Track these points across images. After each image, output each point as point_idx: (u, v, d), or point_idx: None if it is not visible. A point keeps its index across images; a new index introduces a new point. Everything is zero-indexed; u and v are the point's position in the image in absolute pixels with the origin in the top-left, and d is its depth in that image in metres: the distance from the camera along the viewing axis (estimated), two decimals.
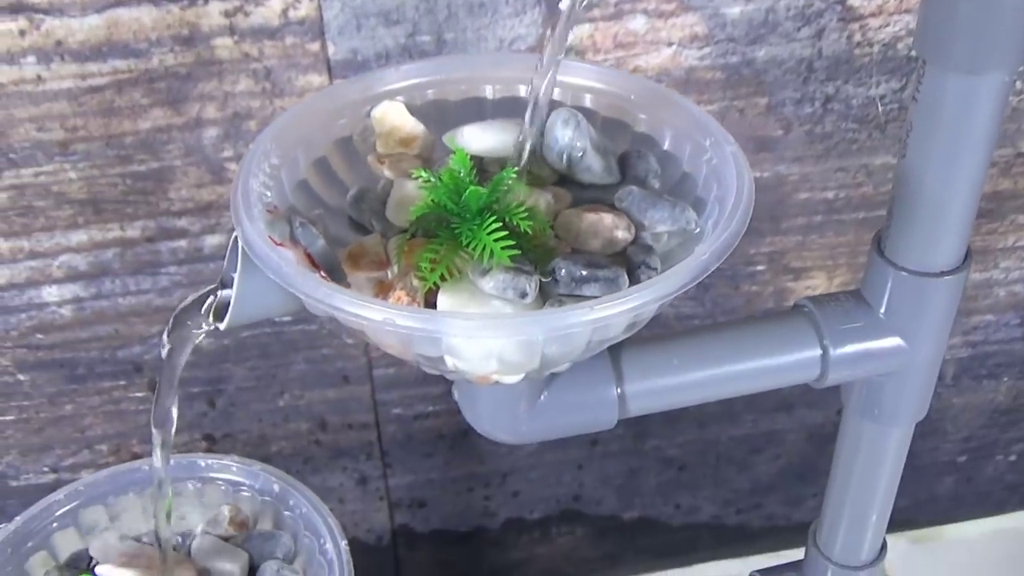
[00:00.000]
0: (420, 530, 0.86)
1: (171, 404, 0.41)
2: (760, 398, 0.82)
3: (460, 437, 0.80)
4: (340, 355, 0.73)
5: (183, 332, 0.37)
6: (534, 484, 0.85)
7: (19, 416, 0.71)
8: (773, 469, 0.89)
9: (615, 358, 0.42)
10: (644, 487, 0.88)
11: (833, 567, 0.53)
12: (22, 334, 0.67)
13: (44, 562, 0.48)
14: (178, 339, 0.38)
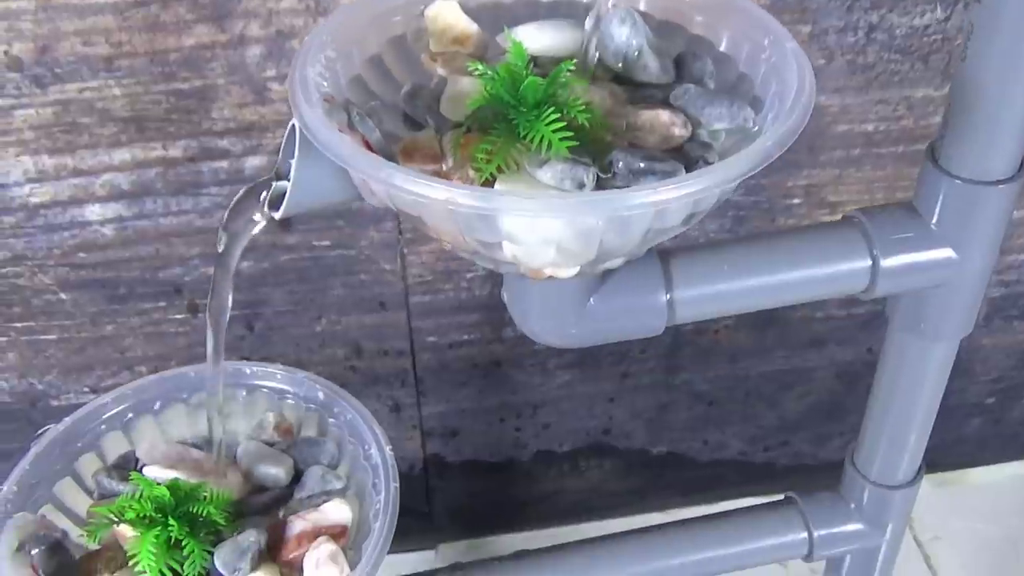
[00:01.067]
0: (451, 460, 0.87)
1: (227, 297, 0.41)
2: (791, 334, 0.83)
3: (493, 367, 0.80)
4: (377, 281, 0.73)
5: (239, 223, 0.38)
6: (565, 416, 0.86)
7: (61, 336, 0.72)
8: (801, 407, 0.89)
9: (665, 264, 0.42)
10: (673, 422, 0.88)
11: (871, 486, 0.53)
12: (65, 253, 0.68)
13: (92, 463, 0.49)
14: (234, 231, 0.38)
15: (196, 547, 0.44)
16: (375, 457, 0.48)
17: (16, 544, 0.45)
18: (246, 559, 0.44)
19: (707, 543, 0.54)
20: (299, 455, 0.50)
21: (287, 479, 0.49)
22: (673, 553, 0.54)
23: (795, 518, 0.54)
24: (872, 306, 0.82)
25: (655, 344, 0.81)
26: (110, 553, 0.46)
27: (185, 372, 0.51)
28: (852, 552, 0.56)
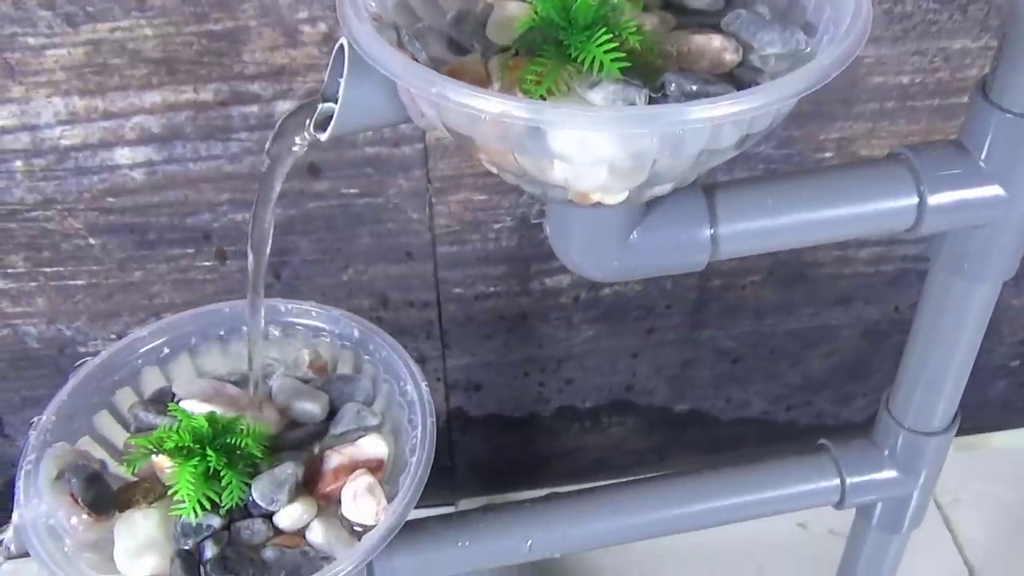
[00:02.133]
0: (474, 414, 0.87)
1: (268, 225, 0.41)
2: (818, 291, 0.82)
3: (519, 320, 0.80)
4: (405, 231, 0.73)
5: (283, 146, 0.37)
6: (588, 372, 0.85)
7: (89, 281, 0.72)
8: (826, 365, 0.89)
9: (709, 198, 0.42)
10: (697, 379, 0.88)
11: (905, 432, 0.53)
12: (94, 196, 0.68)
13: (129, 397, 0.50)
14: (278, 152, 0.38)
15: (234, 478, 0.44)
16: (411, 393, 0.47)
17: (55, 473, 0.45)
18: (284, 491, 0.44)
19: (738, 489, 0.54)
20: (334, 392, 0.50)
21: (323, 415, 0.49)
22: (704, 498, 0.54)
23: (827, 465, 0.54)
24: (900, 263, 0.81)
25: (681, 300, 0.81)
26: (147, 484, 0.46)
27: (220, 308, 0.51)
28: (884, 500, 0.56)
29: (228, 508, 0.44)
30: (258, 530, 0.44)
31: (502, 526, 0.52)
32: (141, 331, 0.50)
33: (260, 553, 0.44)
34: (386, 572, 0.51)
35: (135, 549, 0.44)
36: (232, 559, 0.43)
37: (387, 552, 0.51)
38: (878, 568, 0.60)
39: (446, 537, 0.52)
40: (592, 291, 0.79)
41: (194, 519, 0.44)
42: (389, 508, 0.44)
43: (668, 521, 0.54)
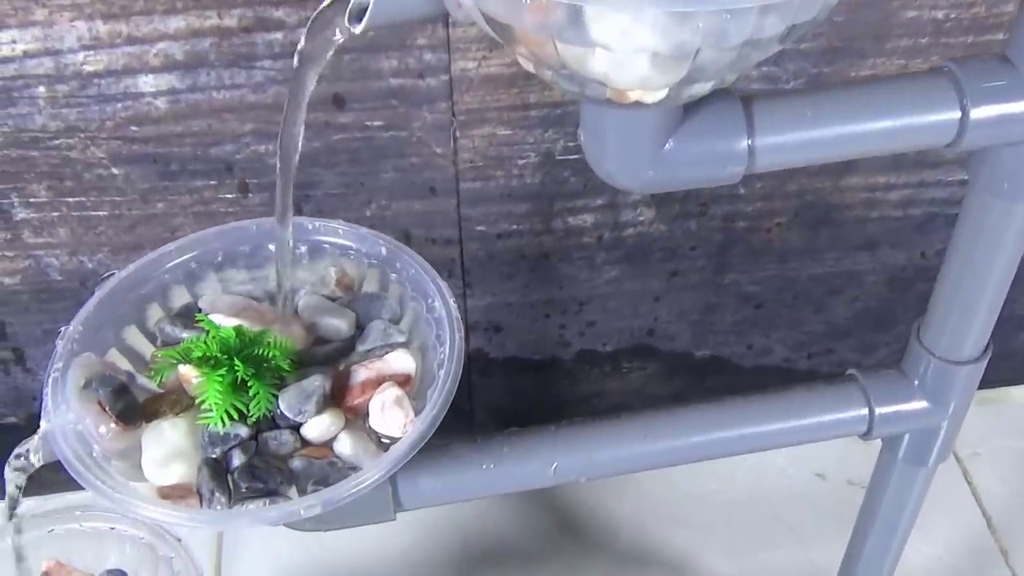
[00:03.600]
0: (495, 356, 0.87)
1: (298, 132, 0.40)
2: (845, 235, 0.81)
3: (541, 259, 0.79)
4: (428, 165, 0.72)
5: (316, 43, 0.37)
6: (610, 314, 0.85)
7: (111, 212, 0.72)
8: (849, 312, 0.88)
9: (747, 108, 0.41)
10: (719, 324, 0.88)
11: (936, 362, 0.52)
12: (117, 125, 0.67)
13: (155, 312, 0.49)
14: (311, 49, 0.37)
15: (262, 388, 0.44)
16: (439, 310, 0.47)
17: (83, 382, 0.45)
18: (311, 402, 0.44)
19: (766, 417, 0.54)
20: (361, 310, 0.49)
21: (349, 332, 0.49)
22: (731, 425, 0.53)
23: (856, 394, 0.54)
24: (929, 207, 0.80)
25: (705, 241, 0.80)
26: (174, 396, 0.46)
27: (247, 225, 0.51)
28: (911, 432, 0.55)
29: (256, 419, 0.44)
30: (285, 441, 0.44)
31: (527, 450, 0.52)
32: (167, 246, 0.49)
33: (287, 463, 0.44)
34: (410, 493, 0.51)
35: (163, 457, 0.44)
36: (260, 468, 0.43)
37: (411, 474, 0.51)
38: (903, 503, 0.59)
39: (471, 460, 0.52)
40: (615, 231, 0.78)
41: (221, 428, 0.44)
42: (417, 420, 0.44)
43: (695, 448, 0.53)
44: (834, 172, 0.76)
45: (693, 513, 0.97)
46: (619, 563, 0.93)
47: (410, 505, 0.51)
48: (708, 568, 0.93)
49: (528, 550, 0.94)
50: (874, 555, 0.64)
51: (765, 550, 0.94)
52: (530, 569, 0.93)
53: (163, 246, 0.49)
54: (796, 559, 0.94)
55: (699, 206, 0.77)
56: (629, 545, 0.95)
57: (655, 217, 0.78)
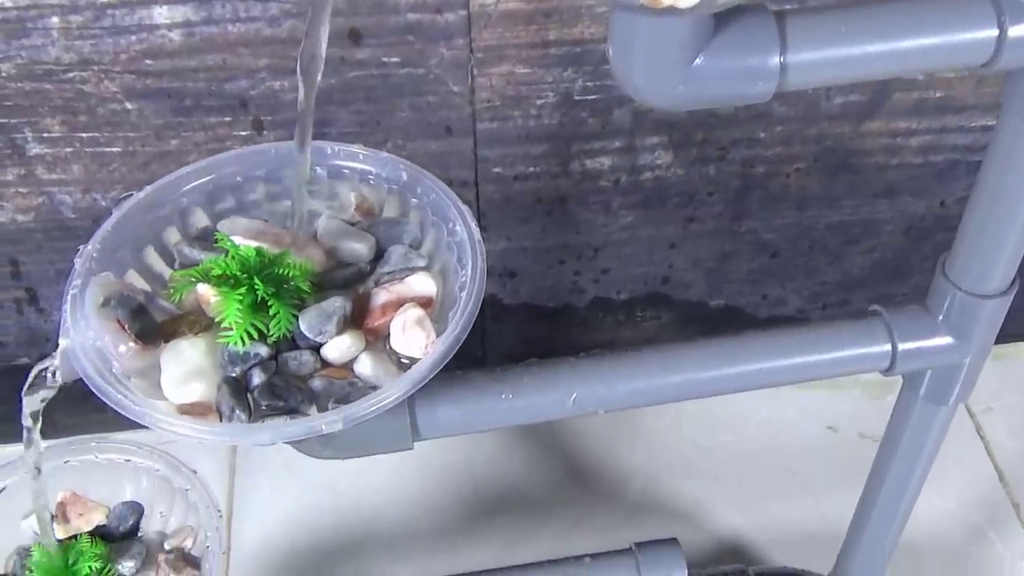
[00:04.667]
0: (508, 302, 0.87)
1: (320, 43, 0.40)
2: (864, 182, 0.80)
3: (558, 203, 0.79)
4: (445, 104, 0.71)
5: None
6: (625, 262, 0.84)
7: (125, 148, 0.71)
8: (866, 262, 0.87)
9: (780, 23, 0.40)
10: (734, 273, 0.87)
11: (962, 296, 0.52)
12: (131, 58, 0.67)
13: (173, 235, 0.49)
14: None
15: (282, 308, 0.44)
16: (460, 233, 0.47)
17: (101, 300, 0.45)
18: (332, 322, 0.44)
19: (788, 351, 0.53)
20: (381, 235, 0.49)
21: (369, 256, 0.48)
22: (754, 358, 0.53)
23: (879, 329, 0.53)
24: (950, 154, 0.79)
25: (723, 187, 0.79)
26: (192, 316, 0.46)
27: (266, 149, 0.50)
28: (934, 369, 0.55)
29: (275, 339, 0.44)
30: (306, 361, 0.44)
31: (546, 380, 0.52)
32: (184, 168, 0.49)
33: (308, 383, 0.44)
34: (428, 422, 0.51)
35: (182, 375, 0.43)
36: (280, 386, 0.43)
37: (430, 402, 0.51)
38: (921, 443, 0.59)
39: (490, 390, 0.51)
40: (632, 175, 0.78)
41: (241, 347, 0.43)
42: (438, 340, 0.43)
43: (714, 381, 0.53)
44: (855, 116, 0.75)
45: (704, 464, 0.97)
46: (629, 512, 0.93)
47: (428, 434, 0.51)
48: (718, 518, 0.93)
49: (539, 499, 0.95)
50: (888, 502, 0.64)
51: (776, 501, 0.95)
52: (541, 517, 0.93)
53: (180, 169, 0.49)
54: (807, 510, 0.94)
55: (718, 150, 0.77)
56: (639, 494, 0.95)
57: (673, 161, 0.77)
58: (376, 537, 0.93)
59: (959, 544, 0.92)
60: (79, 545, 0.57)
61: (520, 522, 0.93)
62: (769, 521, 0.93)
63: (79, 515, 0.60)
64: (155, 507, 0.61)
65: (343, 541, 0.92)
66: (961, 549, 0.92)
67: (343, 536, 0.93)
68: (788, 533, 0.92)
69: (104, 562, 0.57)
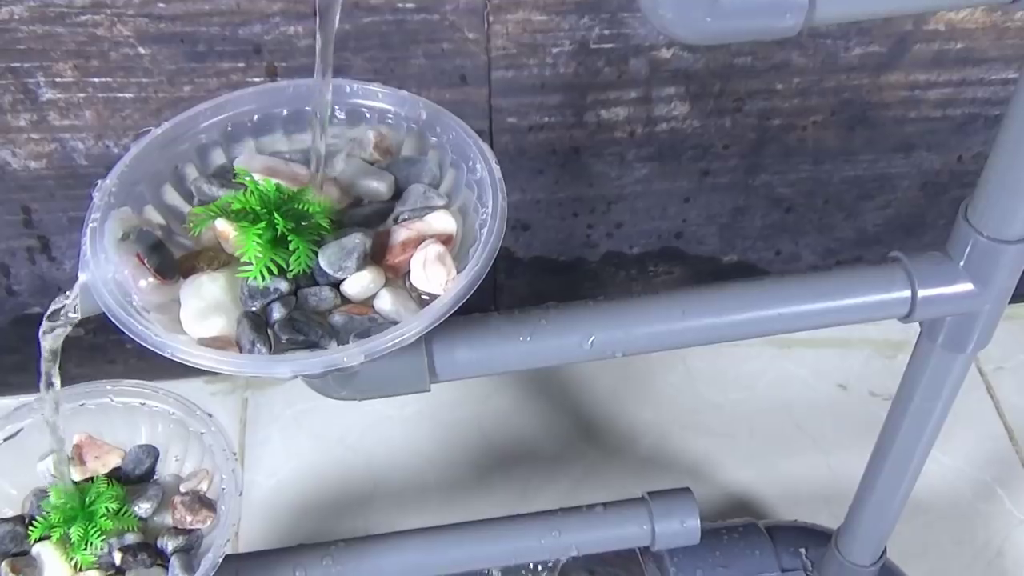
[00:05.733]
0: (521, 256, 0.86)
1: None
2: (881, 135, 0.80)
3: (572, 154, 0.78)
4: (460, 51, 0.71)
5: None
6: (638, 215, 0.84)
7: (138, 94, 0.71)
8: (880, 219, 0.87)
9: None
10: (748, 228, 0.87)
11: (983, 240, 0.51)
12: (144, 2, 0.66)
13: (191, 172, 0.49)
14: None
15: (301, 244, 0.43)
16: (480, 171, 0.46)
17: (120, 234, 0.44)
18: (352, 258, 0.44)
19: (806, 296, 0.53)
20: (399, 174, 0.49)
21: (388, 195, 0.48)
22: (771, 303, 0.52)
23: (899, 275, 0.53)
24: (969, 107, 0.78)
25: (739, 140, 0.79)
26: (211, 252, 0.46)
27: (283, 87, 0.49)
28: (953, 316, 0.55)
29: (295, 274, 0.44)
30: (325, 297, 0.44)
31: (565, 323, 0.52)
32: (202, 105, 0.48)
33: (328, 319, 0.43)
34: (446, 363, 0.51)
35: (202, 310, 0.43)
36: (300, 321, 0.43)
37: (448, 343, 0.51)
38: (938, 391, 0.59)
39: (508, 332, 0.51)
40: (648, 126, 0.77)
41: (261, 282, 0.43)
42: (459, 276, 0.43)
43: (733, 326, 0.53)
44: (874, 68, 0.75)
45: (714, 421, 0.97)
46: (639, 467, 0.94)
47: (445, 375, 0.51)
48: (728, 474, 0.93)
49: (549, 454, 0.95)
50: (902, 453, 0.64)
51: (786, 458, 0.95)
52: (551, 472, 0.93)
53: (198, 105, 0.48)
54: (817, 467, 0.94)
55: (734, 101, 0.76)
56: (650, 451, 0.95)
57: (689, 112, 0.76)
58: (386, 490, 0.93)
59: (968, 501, 0.92)
60: (96, 486, 0.58)
61: (531, 476, 0.93)
62: (778, 477, 0.93)
63: (95, 458, 0.60)
64: (170, 451, 0.61)
65: (353, 494, 0.93)
66: (969, 506, 0.92)
67: (353, 489, 0.93)
68: (797, 489, 0.93)
69: (121, 503, 0.57)
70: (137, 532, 0.57)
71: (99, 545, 0.55)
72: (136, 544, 0.57)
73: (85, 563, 0.56)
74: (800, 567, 0.75)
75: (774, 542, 0.76)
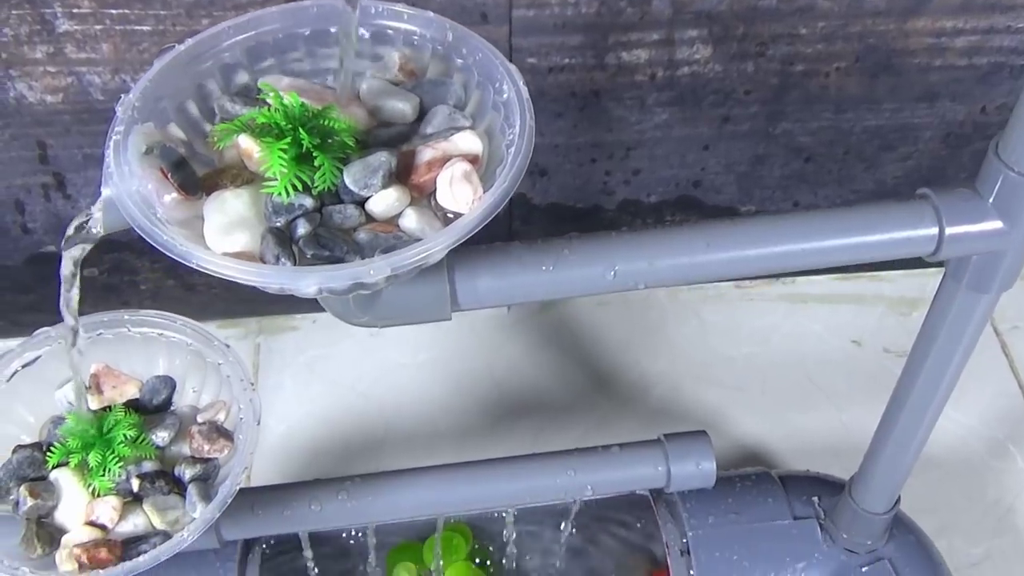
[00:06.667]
0: (537, 202, 0.86)
1: None
2: (905, 84, 0.79)
3: (592, 97, 0.77)
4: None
5: None
6: (657, 162, 0.83)
7: (155, 27, 0.70)
8: (900, 171, 0.86)
9: None
10: (767, 178, 0.86)
11: (1014, 176, 0.50)
12: None
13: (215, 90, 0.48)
14: None
15: (327, 161, 0.43)
16: (507, 92, 0.45)
17: (144, 148, 0.44)
18: (377, 176, 0.43)
19: (831, 231, 0.52)
20: (424, 95, 0.48)
21: (413, 116, 0.47)
22: (796, 238, 0.52)
23: (927, 212, 0.52)
24: (995, 56, 0.77)
25: (761, 85, 0.78)
26: (234, 170, 0.45)
27: (307, 6, 0.49)
28: (979, 255, 0.54)
29: (320, 191, 0.43)
30: (350, 215, 0.43)
31: (588, 253, 0.51)
32: (224, 24, 0.48)
33: (353, 236, 0.43)
34: (468, 292, 0.50)
35: (226, 225, 0.43)
36: (325, 237, 0.42)
37: (470, 271, 0.50)
38: (961, 332, 0.58)
39: (530, 261, 0.51)
40: (669, 69, 0.76)
41: (285, 198, 0.43)
42: (486, 195, 0.43)
43: (756, 260, 0.52)
44: (900, 13, 0.74)
45: (726, 374, 0.97)
46: (651, 417, 0.94)
47: (466, 303, 0.51)
48: (739, 426, 0.93)
49: (561, 403, 0.95)
50: (921, 398, 0.64)
51: (797, 411, 0.95)
52: (563, 421, 0.94)
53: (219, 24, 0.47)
54: (829, 421, 0.94)
55: (758, 46, 0.75)
56: (661, 402, 0.95)
57: (711, 56, 0.75)
58: (397, 436, 0.93)
59: (980, 458, 0.92)
60: (114, 414, 0.58)
61: (543, 425, 0.93)
62: (790, 431, 0.93)
63: (112, 387, 0.60)
64: (187, 382, 0.61)
65: (364, 440, 0.93)
66: (982, 463, 0.92)
67: (365, 435, 0.93)
68: (809, 443, 0.93)
69: (138, 431, 0.57)
70: (154, 460, 0.57)
71: (117, 472, 0.55)
72: (154, 472, 0.57)
73: (103, 489, 0.55)
74: (812, 515, 0.75)
75: (787, 490, 0.76)
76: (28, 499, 0.55)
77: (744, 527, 0.74)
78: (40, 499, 0.55)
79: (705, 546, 0.73)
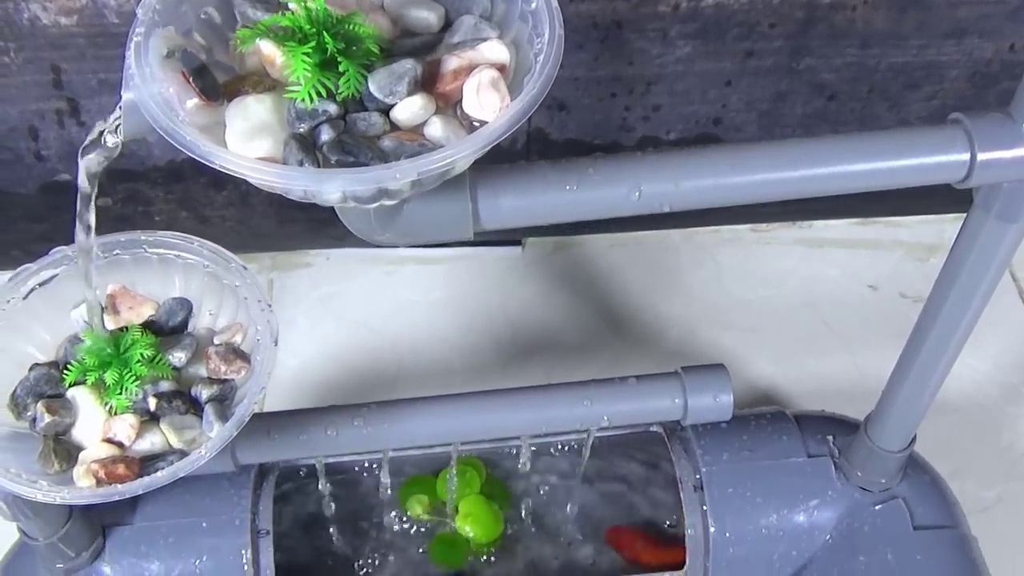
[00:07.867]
0: (555, 137, 0.85)
1: None
2: (932, 19, 0.77)
3: (614, 28, 0.76)
4: None
5: None
6: (677, 98, 0.82)
7: None
8: (924, 111, 0.85)
9: None
10: (788, 116, 0.85)
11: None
12: None
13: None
14: None
15: (351, 66, 0.42)
16: (535, 2, 0.45)
17: (165, 52, 0.43)
18: (403, 83, 0.42)
19: (859, 155, 0.51)
20: (450, 5, 0.47)
21: (438, 25, 0.46)
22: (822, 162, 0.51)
23: (959, 137, 0.51)
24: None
25: (786, 19, 0.76)
26: (256, 77, 0.44)
27: None
28: (1010, 183, 0.53)
29: (344, 97, 0.42)
30: (375, 122, 0.42)
31: (612, 173, 0.50)
32: None
33: (377, 143, 0.42)
34: (491, 210, 0.50)
35: (248, 131, 0.42)
36: (349, 143, 0.41)
37: (492, 191, 0.50)
38: (988, 263, 0.57)
39: (554, 180, 0.50)
40: (694, 1, 0.75)
41: (309, 104, 0.42)
42: (513, 102, 0.42)
43: (783, 183, 0.51)
44: None
45: (742, 317, 0.96)
46: (665, 359, 0.93)
47: (488, 222, 0.50)
48: (753, 368, 0.93)
49: (575, 344, 0.95)
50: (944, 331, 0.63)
51: (812, 355, 0.94)
52: (577, 360, 0.93)
53: None
54: (843, 365, 0.94)
55: None
56: (676, 344, 0.95)
57: None
58: (410, 373, 0.93)
59: (995, 403, 0.92)
60: (131, 334, 0.57)
61: (556, 363, 0.93)
62: (805, 374, 0.93)
63: (128, 308, 0.60)
64: (204, 304, 0.61)
65: (377, 376, 0.93)
66: (996, 408, 0.92)
67: (377, 371, 0.93)
68: (823, 386, 0.93)
69: (155, 351, 0.57)
70: (171, 381, 0.57)
71: (134, 390, 0.55)
72: (171, 392, 0.57)
73: (120, 407, 0.55)
74: (827, 453, 0.75)
75: (801, 429, 0.76)
76: (46, 415, 0.55)
77: (758, 464, 0.74)
78: (58, 416, 0.55)
79: (718, 482, 0.73)
